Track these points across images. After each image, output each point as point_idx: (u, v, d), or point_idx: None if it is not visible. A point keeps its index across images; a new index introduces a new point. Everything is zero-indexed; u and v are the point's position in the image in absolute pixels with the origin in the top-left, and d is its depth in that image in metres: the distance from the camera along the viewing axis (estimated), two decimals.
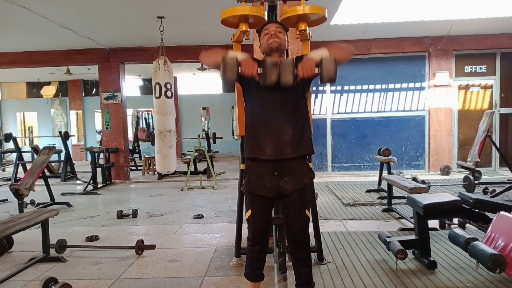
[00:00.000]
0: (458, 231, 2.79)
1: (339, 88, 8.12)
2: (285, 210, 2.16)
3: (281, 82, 1.93)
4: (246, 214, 2.20)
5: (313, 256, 3.09)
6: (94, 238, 3.96)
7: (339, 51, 2.05)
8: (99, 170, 7.55)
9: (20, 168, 8.05)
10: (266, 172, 2.11)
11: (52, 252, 3.41)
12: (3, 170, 10.54)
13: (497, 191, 5.22)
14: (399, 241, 2.98)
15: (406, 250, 2.87)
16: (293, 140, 2.08)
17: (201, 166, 8.95)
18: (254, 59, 2.06)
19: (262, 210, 2.15)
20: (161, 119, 5.59)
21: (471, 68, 7.96)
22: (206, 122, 13.10)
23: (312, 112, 2.99)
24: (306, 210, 2.16)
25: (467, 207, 3.04)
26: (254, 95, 2.17)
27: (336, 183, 6.96)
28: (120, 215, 4.86)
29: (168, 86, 5.52)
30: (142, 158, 10.30)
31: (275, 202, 2.26)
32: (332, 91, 8.09)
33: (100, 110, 8.31)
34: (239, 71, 1.96)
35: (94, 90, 12.99)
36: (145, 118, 13.10)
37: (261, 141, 2.09)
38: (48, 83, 13.21)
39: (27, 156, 8.94)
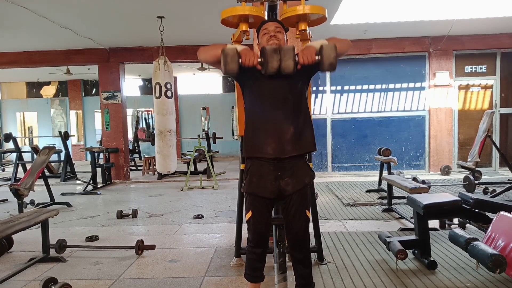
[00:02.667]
0: (458, 231, 2.79)
1: (339, 88, 8.12)
2: (285, 210, 2.15)
3: (282, 68, 1.92)
4: (247, 216, 2.19)
5: (313, 256, 3.09)
6: (94, 238, 3.96)
7: (338, 41, 2.06)
8: (99, 170, 7.55)
9: (20, 168, 8.05)
10: (267, 173, 2.10)
11: (52, 252, 3.40)
12: (3, 170, 10.53)
13: (497, 191, 5.22)
14: (399, 241, 2.98)
15: (406, 250, 2.86)
16: (294, 138, 2.06)
17: (201, 166, 8.95)
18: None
19: (263, 211, 2.14)
20: (161, 119, 5.58)
21: (471, 68, 7.96)
22: (206, 122, 13.10)
23: (312, 112, 2.99)
24: (306, 211, 2.15)
25: (467, 207, 3.04)
26: (254, 93, 2.15)
27: (336, 183, 6.96)
28: (120, 215, 4.86)
29: (168, 86, 5.52)
30: (142, 158, 10.29)
31: (275, 203, 2.26)
32: (332, 91, 8.08)
33: (100, 110, 8.31)
34: (240, 62, 1.96)
35: (94, 90, 12.99)
36: (145, 118, 13.09)
37: (262, 139, 2.07)
38: (48, 83, 13.20)
39: (27, 156, 8.93)
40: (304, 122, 2.12)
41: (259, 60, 1.96)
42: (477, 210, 3.08)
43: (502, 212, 2.75)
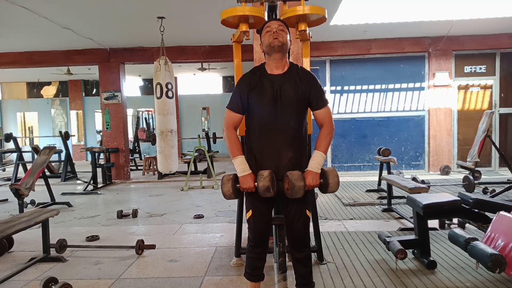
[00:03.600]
0: (458, 231, 2.80)
1: (339, 88, 8.13)
2: (286, 210, 2.16)
3: (291, 197, 2.03)
4: (247, 215, 2.20)
5: (313, 256, 3.09)
6: (94, 238, 3.97)
7: (328, 143, 2.14)
8: (99, 170, 7.55)
9: (21, 168, 8.06)
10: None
11: (52, 252, 3.41)
12: (4, 170, 10.54)
13: (497, 191, 5.22)
14: (399, 241, 2.98)
15: (406, 250, 2.87)
16: (292, 163, 2.10)
17: (201, 166, 8.96)
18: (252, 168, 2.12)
19: (262, 210, 2.15)
20: (162, 119, 5.59)
21: (470, 68, 7.97)
22: (206, 122, 13.10)
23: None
24: (307, 210, 2.16)
25: (467, 207, 3.04)
26: (255, 117, 2.15)
27: None
28: (120, 215, 4.87)
29: (169, 86, 5.53)
30: (142, 158, 10.30)
31: (275, 202, 2.26)
32: (332, 91, 8.09)
33: (100, 110, 8.32)
34: (237, 186, 2.10)
35: (95, 90, 13.00)
36: (145, 118, 13.10)
37: (261, 162, 2.12)
38: (49, 83, 13.21)
39: (27, 156, 8.94)
40: (302, 147, 2.17)
41: (255, 184, 2.06)
42: (476, 210, 3.09)
43: (501, 212, 2.75)
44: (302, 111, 2.15)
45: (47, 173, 7.09)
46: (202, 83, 13.01)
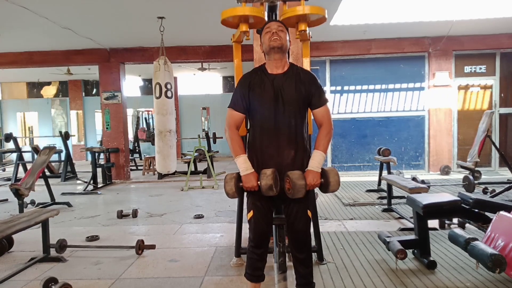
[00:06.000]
0: (458, 231, 2.80)
1: (339, 88, 8.13)
2: (287, 210, 2.16)
3: (292, 197, 2.03)
4: (248, 215, 2.20)
5: (313, 256, 3.09)
6: (94, 238, 3.97)
7: (327, 142, 2.15)
8: (99, 170, 7.55)
9: (21, 168, 8.05)
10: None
11: (52, 252, 3.41)
12: (4, 170, 10.55)
13: (497, 191, 5.22)
14: (399, 241, 2.98)
15: (406, 250, 2.87)
16: (295, 163, 2.11)
17: (201, 166, 8.96)
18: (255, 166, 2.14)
19: (264, 211, 2.15)
20: (161, 119, 5.59)
21: (470, 68, 7.97)
22: (206, 122, 13.10)
23: None
24: (308, 210, 2.16)
25: (467, 207, 3.05)
26: (256, 116, 2.16)
27: None
28: (120, 215, 4.87)
29: (168, 86, 5.53)
30: (142, 158, 10.30)
31: (276, 203, 2.27)
32: (332, 91, 8.09)
33: (100, 110, 8.32)
34: (240, 184, 2.11)
35: (95, 90, 13.00)
36: (145, 118, 13.09)
37: (263, 161, 2.13)
38: (49, 83, 13.22)
39: (27, 156, 8.94)
40: (304, 147, 2.17)
41: (259, 183, 2.06)
42: (476, 210, 3.09)
43: (501, 212, 2.76)
44: (303, 110, 2.16)
45: (47, 173, 7.09)
46: (202, 83, 13.01)
